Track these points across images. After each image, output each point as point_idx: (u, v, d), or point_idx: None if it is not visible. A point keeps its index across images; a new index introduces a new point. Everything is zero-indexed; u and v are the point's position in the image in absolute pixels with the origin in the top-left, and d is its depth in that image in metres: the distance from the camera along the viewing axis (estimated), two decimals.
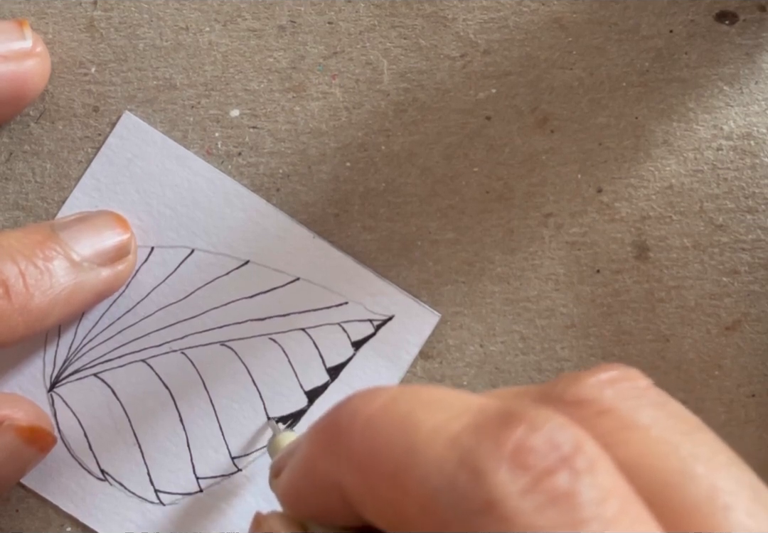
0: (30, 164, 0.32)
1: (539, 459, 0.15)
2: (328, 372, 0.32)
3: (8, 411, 0.29)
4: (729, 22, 0.32)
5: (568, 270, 0.32)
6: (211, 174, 0.31)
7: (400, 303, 0.31)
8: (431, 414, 0.16)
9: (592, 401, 0.17)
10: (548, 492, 0.14)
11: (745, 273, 0.32)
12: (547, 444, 0.15)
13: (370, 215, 0.32)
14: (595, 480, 0.15)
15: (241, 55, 0.32)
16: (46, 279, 0.28)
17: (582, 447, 0.15)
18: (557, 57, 0.32)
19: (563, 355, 0.31)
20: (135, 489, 0.31)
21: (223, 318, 0.31)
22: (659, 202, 0.32)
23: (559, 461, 0.15)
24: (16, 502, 0.31)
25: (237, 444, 0.31)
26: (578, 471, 0.15)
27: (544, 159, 0.32)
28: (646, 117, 0.32)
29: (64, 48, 0.31)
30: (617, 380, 0.17)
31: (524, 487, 0.14)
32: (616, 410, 0.17)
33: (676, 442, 0.16)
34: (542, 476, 0.14)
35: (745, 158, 0.32)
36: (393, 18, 0.32)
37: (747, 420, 0.31)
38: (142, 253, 0.31)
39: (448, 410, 0.16)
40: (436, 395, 0.17)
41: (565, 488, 0.14)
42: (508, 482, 0.14)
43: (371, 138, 0.32)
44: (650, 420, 0.16)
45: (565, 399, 0.17)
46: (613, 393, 0.17)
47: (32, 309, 0.28)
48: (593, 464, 0.15)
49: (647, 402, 0.17)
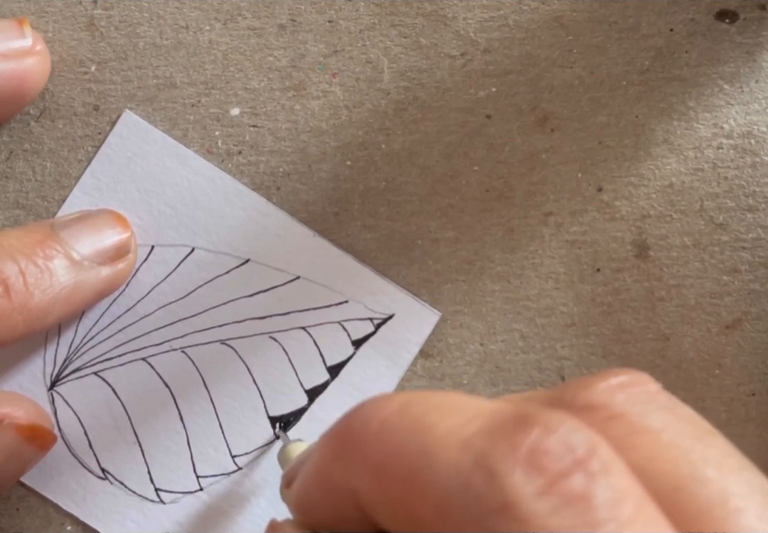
0: (30, 163, 0.32)
1: (554, 461, 0.15)
2: (329, 370, 0.32)
3: (8, 410, 0.29)
4: (729, 21, 0.32)
5: (568, 269, 0.32)
6: (211, 172, 0.31)
7: (400, 302, 0.31)
8: (445, 418, 0.16)
9: (602, 406, 0.17)
10: (564, 493, 0.14)
11: (746, 271, 0.32)
12: (562, 446, 0.15)
13: (370, 214, 0.32)
14: (610, 482, 0.15)
15: (241, 53, 0.32)
16: (46, 278, 0.28)
17: (596, 450, 0.15)
18: (557, 56, 0.32)
19: (563, 354, 0.31)
20: (135, 487, 0.31)
21: (223, 317, 0.31)
22: (659, 201, 0.32)
23: (574, 463, 0.15)
24: (16, 501, 0.31)
25: (237, 443, 0.31)
26: (593, 473, 0.15)
27: (544, 158, 0.32)
28: (647, 115, 0.32)
29: (65, 46, 0.31)
30: (628, 385, 0.17)
31: (540, 489, 0.14)
32: (627, 415, 0.17)
33: (686, 446, 0.16)
34: (558, 478, 0.15)
35: (746, 157, 0.32)
36: (393, 16, 0.32)
37: (747, 419, 0.31)
38: (143, 251, 0.31)
39: (462, 413, 0.16)
40: (449, 399, 0.17)
41: (581, 490, 0.14)
42: (523, 484, 0.14)
43: (371, 137, 0.32)
44: (661, 424, 0.17)
45: (576, 404, 0.17)
46: (624, 398, 0.17)
47: (32, 308, 0.28)
48: (608, 466, 0.15)
49: (657, 406, 0.17)
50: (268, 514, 0.31)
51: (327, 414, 0.31)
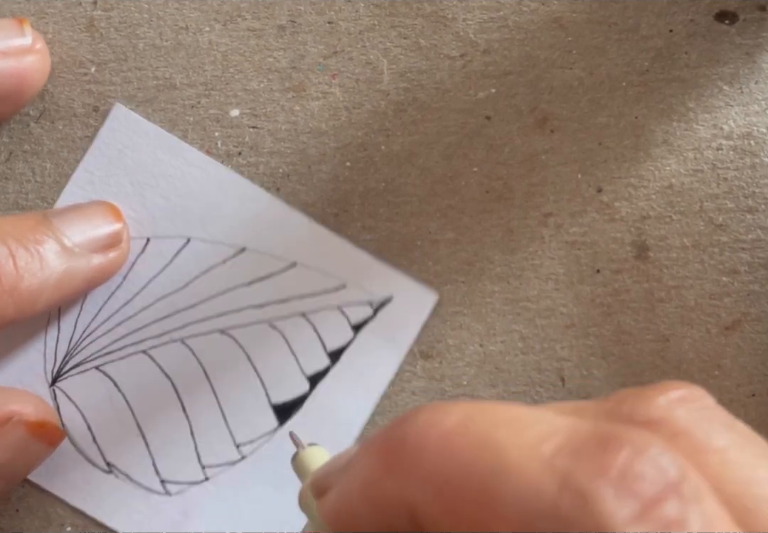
0: (30, 164, 0.32)
1: (648, 485, 0.14)
2: (329, 356, 0.32)
3: (17, 407, 0.29)
4: (729, 22, 0.32)
5: (567, 270, 0.32)
6: (204, 163, 0.31)
7: (397, 284, 0.31)
8: (516, 434, 0.16)
9: (665, 421, 0.16)
10: (659, 520, 0.14)
11: (745, 272, 0.32)
12: (653, 469, 0.14)
13: (369, 215, 0.32)
14: (703, 509, 0.14)
15: (240, 54, 0.32)
16: (36, 262, 0.28)
17: (687, 474, 0.15)
18: (557, 57, 0.32)
19: (563, 355, 0.31)
20: (141, 480, 0.31)
21: (221, 307, 0.31)
22: (659, 202, 0.32)
23: (667, 488, 0.14)
24: (16, 502, 0.31)
25: (241, 432, 0.31)
26: (686, 499, 0.14)
27: (543, 159, 0.32)
28: (646, 116, 0.32)
29: (64, 48, 0.31)
30: (687, 399, 0.17)
31: (635, 514, 0.14)
32: (691, 432, 0.16)
33: (753, 465, 0.16)
34: (653, 503, 0.14)
35: (745, 158, 0.32)
36: (393, 18, 0.32)
37: (747, 420, 0.31)
38: (138, 244, 0.31)
39: (533, 429, 0.16)
40: (514, 413, 0.16)
41: (676, 516, 0.14)
42: (617, 508, 0.14)
43: (371, 138, 0.32)
44: (726, 442, 0.16)
45: (635, 419, 0.16)
46: (686, 414, 0.17)
47: (22, 291, 0.28)
48: (699, 491, 0.14)
49: (719, 423, 0.17)
50: (274, 502, 0.31)
51: (329, 400, 0.31)
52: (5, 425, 0.29)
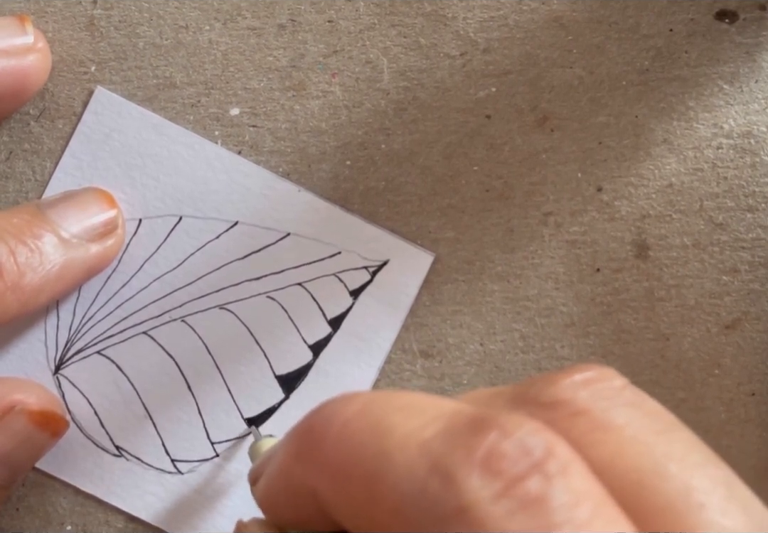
0: (30, 163, 0.32)
1: (511, 465, 0.15)
2: (330, 323, 0.32)
3: (20, 396, 0.29)
4: (729, 21, 0.32)
5: (568, 269, 0.32)
6: (189, 139, 0.31)
7: (393, 247, 0.31)
8: (404, 420, 0.16)
9: (566, 402, 0.17)
10: (520, 497, 0.14)
11: (745, 271, 0.32)
12: (518, 449, 0.15)
13: (370, 214, 0.32)
14: (568, 484, 0.15)
15: (241, 53, 0.32)
16: (36, 257, 0.28)
17: (554, 451, 0.15)
18: (557, 56, 0.32)
19: (563, 354, 0.31)
20: (152, 461, 0.31)
21: (219, 282, 0.31)
22: (659, 201, 0.32)
23: (530, 466, 0.15)
24: (16, 501, 0.31)
25: (248, 406, 0.31)
26: (550, 476, 0.15)
27: (544, 158, 0.32)
28: (646, 116, 0.32)
29: (64, 46, 0.31)
30: (592, 380, 0.17)
31: (496, 493, 0.14)
32: (591, 411, 0.17)
33: (650, 442, 0.16)
34: (514, 481, 0.14)
35: (745, 157, 0.32)
36: (393, 16, 0.32)
37: (747, 419, 0.31)
38: (131, 225, 0.31)
39: (422, 415, 0.16)
40: (410, 400, 0.17)
41: (537, 493, 0.14)
42: (479, 487, 0.14)
43: (371, 137, 0.32)
44: (624, 420, 0.16)
45: (540, 400, 0.17)
46: (588, 394, 0.17)
47: (24, 287, 0.28)
48: (565, 468, 0.15)
49: (622, 402, 0.17)
50: None
51: (333, 368, 0.31)
52: (8, 414, 0.29)
